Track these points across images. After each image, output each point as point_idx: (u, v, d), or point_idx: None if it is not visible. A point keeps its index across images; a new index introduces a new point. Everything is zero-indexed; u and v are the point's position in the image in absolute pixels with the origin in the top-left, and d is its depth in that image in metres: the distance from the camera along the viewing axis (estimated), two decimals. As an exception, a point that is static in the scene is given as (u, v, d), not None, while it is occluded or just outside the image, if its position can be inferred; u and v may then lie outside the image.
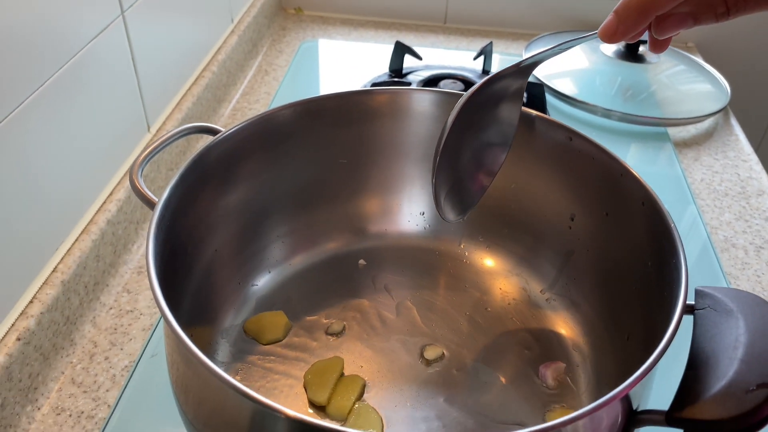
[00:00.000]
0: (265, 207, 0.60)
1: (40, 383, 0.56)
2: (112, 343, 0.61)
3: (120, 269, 0.69)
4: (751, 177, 0.86)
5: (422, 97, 0.61)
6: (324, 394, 0.52)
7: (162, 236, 0.45)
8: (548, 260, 0.62)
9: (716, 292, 0.43)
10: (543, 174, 0.60)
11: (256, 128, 0.55)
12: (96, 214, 0.66)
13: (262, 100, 0.98)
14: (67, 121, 0.60)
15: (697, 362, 0.39)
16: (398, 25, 1.21)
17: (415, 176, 0.65)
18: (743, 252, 0.74)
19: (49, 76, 0.57)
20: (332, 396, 0.52)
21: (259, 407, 0.33)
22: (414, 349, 0.57)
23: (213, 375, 0.34)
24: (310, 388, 0.52)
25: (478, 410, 0.52)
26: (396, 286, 0.62)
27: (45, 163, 0.58)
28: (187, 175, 0.49)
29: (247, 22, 1.05)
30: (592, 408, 0.34)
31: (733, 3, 0.34)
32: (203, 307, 0.54)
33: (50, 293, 0.57)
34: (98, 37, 0.64)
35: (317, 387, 0.52)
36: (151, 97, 0.76)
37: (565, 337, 0.58)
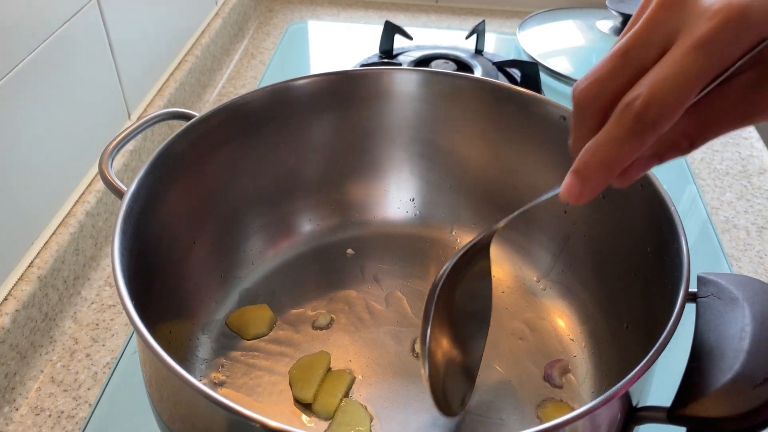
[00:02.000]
0: (246, 196, 0.59)
1: (17, 383, 0.55)
2: (93, 339, 0.60)
3: (102, 262, 0.67)
4: (752, 155, 0.85)
5: (408, 77, 0.59)
6: (310, 392, 0.50)
7: (131, 229, 0.43)
8: (543, 246, 0.60)
9: (720, 279, 0.41)
10: (536, 156, 0.58)
11: (230, 113, 0.53)
12: (74, 206, 0.64)
13: (248, 84, 0.96)
14: (41, 108, 0.58)
15: (701, 354, 0.37)
16: (388, 5, 1.19)
17: (404, 160, 0.63)
18: (745, 233, 0.73)
19: (18, 62, 0.55)
20: (318, 393, 0.50)
21: (234, 417, 0.32)
22: (405, 341, 0.56)
23: (185, 383, 0.32)
24: (296, 386, 0.51)
25: (472, 404, 0.50)
26: (385, 275, 0.61)
27: (18, 153, 0.56)
28: (157, 165, 0.47)
29: (232, 4, 1.03)
30: (590, 408, 0.33)
31: (696, 135, 0.32)
32: (183, 302, 0.53)
33: (26, 289, 0.56)
34: (71, 20, 0.62)
35: (303, 384, 0.50)
36: (130, 82, 0.74)
37: (562, 327, 0.57)
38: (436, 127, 0.61)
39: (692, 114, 0.31)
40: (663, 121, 0.29)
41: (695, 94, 0.29)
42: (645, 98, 0.28)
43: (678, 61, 0.28)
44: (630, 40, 0.30)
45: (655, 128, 0.29)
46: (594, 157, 0.31)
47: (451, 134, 0.61)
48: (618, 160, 0.30)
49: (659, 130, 0.29)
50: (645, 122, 0.29)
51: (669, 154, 0.33)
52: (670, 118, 0.29)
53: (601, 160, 0.31)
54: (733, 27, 0.27)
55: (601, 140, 0.30)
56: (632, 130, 0.29)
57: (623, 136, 0.29)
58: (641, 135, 0.29)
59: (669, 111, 0.28)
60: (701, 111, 0.31)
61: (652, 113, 0.29)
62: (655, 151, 0.33)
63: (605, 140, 0.30)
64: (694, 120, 0.31)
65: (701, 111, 0.31)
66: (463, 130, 0.61)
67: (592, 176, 0.31)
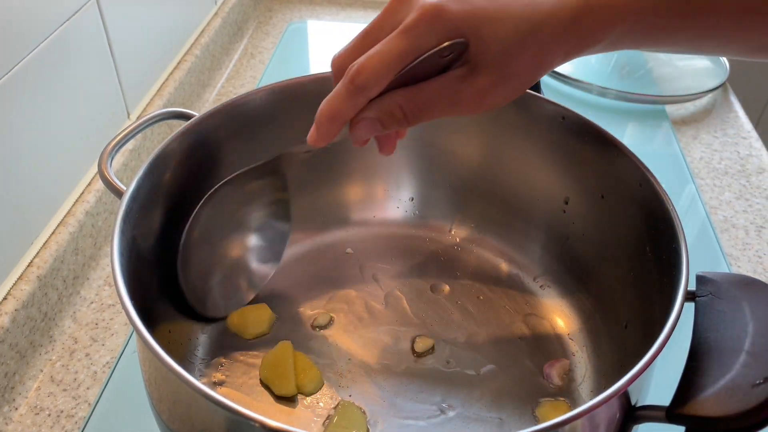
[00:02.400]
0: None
1: (17, 382, 0.55)
2: (93, 338, 0.59)
3: (101, 262, 0.67)
4: (751, 155, 0.85)
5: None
6: (290, 385, 0.50)
7: (130, 229, 0.43)
8: (542, 246, 0.60)
9: (719, 278, 0.41)
10: (535, 156, 0.58)
11: (230, 113, 0.53)
12: (74, 206, 0.64)
13: (247, 84, 0.96)
14: (40, 108, 0.58)
15: (700, 354, 0.37)
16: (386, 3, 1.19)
17: (403, 160, 0.63)
18: (744, 232, 0.73)
19: (18, 61, 0.55)
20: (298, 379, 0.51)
21: (234, 417, 0.31)
22: (404, 340, 0.55)
23: (184, 383, 0.32)
24: (274, 385, 0.51)
25: (470, 404, 0.50)
26: (384, 274, 0.61)
27: (17, 153, 0.56)
28: (156, 164, 0.47)
29: (231, 4, 1.02)
30: (589, 407, 0.33)
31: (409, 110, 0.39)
32: (182, 301, 0.52)
33: (25, 289, 0.56)
34: (71, 20, 0.62)
35: (280, 380, 0.51)
36: (130, 82, 0.74)
37: (561, 326, 0.56)
38: (435, 126, 0.60)
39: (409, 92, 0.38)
40: (369, 85, 0.37)
41: (398, 68, 0.36)
42: (358, 66, 0.37)
43: (388, 41, 0.36)
44: (372, 24, 0.39)
45: (363, 90, 0.37)
46: (323, 108, 0.39)
47: (450, 134, 0.61)
48: (339, 113, 0.38)
49: (367, 92, 0.37)
50: (356, 84, 0.37)
51: (388, 121, 0.39)
52: (375, 84, 0.37)
53: (326, 112, 0.38)
54: (428, 20, 0.36)
55: (329, 96, 0.38)
56: (347, 91, 0.37)
57: (342, 94, 0.38)
58: (353, 94, 0.37)
59: (374, 78, 0.36)
60: (417, 91, 0.38)
61: (361, 78, 0.36)
62: (377, 116, 0.39)
63: (332, 96, 0.38)
64: (410, 97, 0.38)
65: (417, 91, 0.38)
66: (462, 130, 0.61)
67: (322, 124, 0.39)
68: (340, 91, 0.38)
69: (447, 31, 0.36)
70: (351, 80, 0.37)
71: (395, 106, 0.38)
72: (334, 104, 0.38)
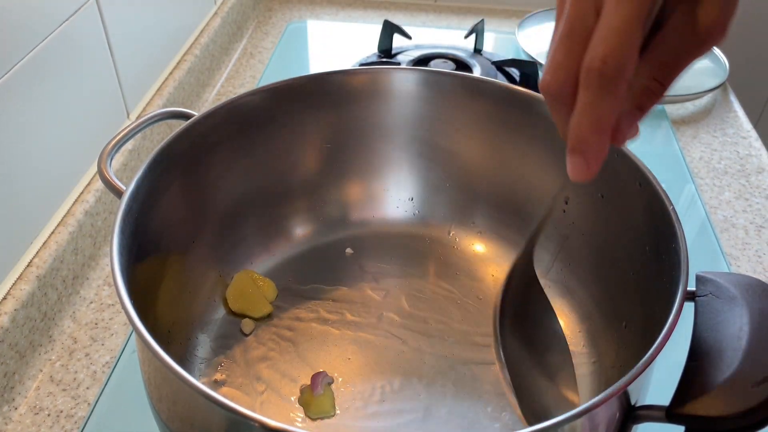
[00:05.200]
0: (244, 195, 0.58)
1: (16, 382, 0.55)
2: (92, 338, 0.59)
3: (101, 261, 0.67)
4: (750, 154, 0.84)
5: (407, 76, 0.59)
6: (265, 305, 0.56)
7: (130, 229, 0.43)
8: (542, 245, 0.59)
9: (718, 278, 0.41)
10: (535, 155, 0.58)
11: (229, 113, 0.53)
12: (73, 205, 0.64)
13: (247, 84, 0.96)
14: (39, 108, 0.58)
15: (699, 353, 0.37)
16: (387, 4, 1.19)
17: (403, 160, 0.63)
18: (743, 232, 0.73)
19: (17, 61, 0.55)
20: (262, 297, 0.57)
21: (233, 416, 0.31)
22: (403, 340, 0.55)
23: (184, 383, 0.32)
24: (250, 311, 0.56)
25: (469, 404, 0.50)
26: (384, 274, 0.61)
27: (17, 152, 0.56)
28: (156, 164, 0.47)
29: (231, 3, 1.02)
30: (589, 406, 0.33)
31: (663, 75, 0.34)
32: (181, 301, 0.53)
33: (25, 289, 0.56)
34: (70, 20, 0.62)
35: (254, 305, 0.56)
36: (129, 82, 0.74)
37: (560, 325, 0.56)
38: (435, 126, 0.61)
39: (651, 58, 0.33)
40: (624, 68, 0.31)
41: (640, 35, 0.31)
42: (600, 56, 0.30)
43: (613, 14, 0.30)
44: (568, 21, 0.32)
45: (620, 78, 0.31)
46: (581, 128, 0.32)
47: (450, 134, 0.61)
48: (603, 120, 0.32)
49: (625, 78, 0.31)
50: (609, 76, 0.30)
51: (647, 101, 0.35)
52: (629, 64, 0.31)
53: (588, 127, 0.32)
54: None
55: (580, 110, 0.32)
56: (601, 88, 0.31)
57: (597, 97, 0.31)
58: (611, 88, 0.31)
59: (625, 57, 0.30)
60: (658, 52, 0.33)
61: (612, 65, 0.30)
62: (634, 104, 0.34)
63: (583, 109, 0.32)
64: (656, 62, 0.33)
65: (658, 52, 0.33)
66: (462, 130, 0.61)
67: (589, 146, 0.32)
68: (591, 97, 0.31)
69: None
70: (600, 76, 0.31)
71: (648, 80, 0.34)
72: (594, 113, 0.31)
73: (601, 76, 0.30)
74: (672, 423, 0.35)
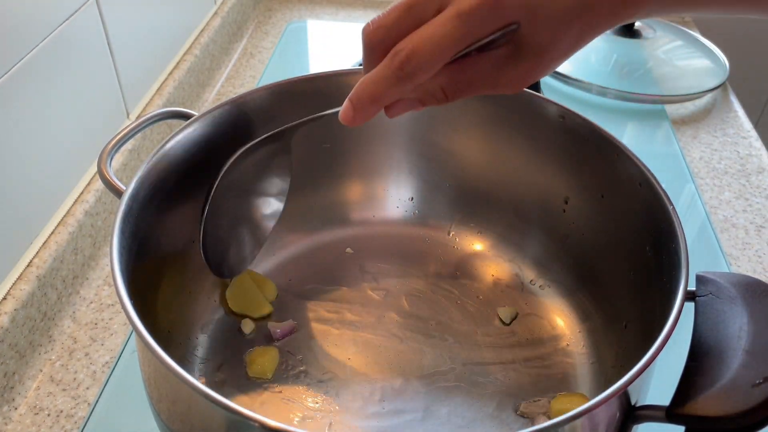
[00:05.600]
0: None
1: (16, 382, 0.55)
2: (92, 338, 0.59)
3: (101, 261, 0.67)
4: (750, 154, 0.84)
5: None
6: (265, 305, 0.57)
7: (130, 229, 0.43)
8: (542, 245, 0.60)
9: (718, 278, 0.41)
10: (535, 155, 0.58)
11: (229, 112, 0.53)
12: (73, 205, 0.64)
13: (247, 84, 0.96)
14: (39, 108, 0.58)
15: (700, 353, 0.37)
16: (387, 4, 1.18)
17: (403, 160, 0.63)
18: (743, 232, 0.73)
19: (17, 61, 0.55)
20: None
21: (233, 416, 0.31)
22: (403, 339, 0.55)
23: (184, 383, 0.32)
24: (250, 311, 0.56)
25: (469, 404, 0.50)
26: (384, 274, 0.61)
27: (16, 152, 0.56)
28: (156, 164, 0.47)
29: (231, 3, 1.02)
30: (589, 406, 0.33)
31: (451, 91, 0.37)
32: (181, 301, 0.53)
33: (25, 289, 0.56)
34: (70, 19, 0.62)
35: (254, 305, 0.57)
36: (129, 82, 0.74)
37: (560, 325, 0.56)
38: (435, 126, 0.61)
39: (451, 73, 0.36)
40: (420, 72, 0.34)
41: (450, 55, 0.34)
42: (408, 51, 0.34)
43: (441, 25, 0.34)
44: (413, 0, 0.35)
45: (413, 77, 0.34)
46: (365, 91, 0.36)
47: (450, 133, 0.61)
48: (383, 97, 0.36)
49: (417, 80, 0.35)
50: (406, 71, 0.34)
51: (428, 101, 0.38)
52: (425, 72, 0.34)
53: (369, 94, 0.36)
54: (489, 6, 0.33)
55: (371, 78, 0.36)
56: (395, 76, 0.35)
57: (388, 79, 0.35)
58: (402, 80, 0.35)
59: (425, 66, 0.34)
60: (459, 72, 0.36)
61: (413, 65, 0.34)
62: (418, 97, 0.38)
63: (375, 78, 0.35)
64: (452, 78, 0.37)
65: (459, 72, 0.36)
66: (462, 130, 0.60)
67: (362, 106, 0.37)
68: (386, 74, 0.35)
69: (504, 17, 0.34)
70: (400, 66, 0.34)
71: (437, 88, 0.37)
72: (379, 88, 0.35)
73: (400, 66, 0.34)
74: (672, 423, 0.35)
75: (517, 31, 0.35)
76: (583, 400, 0.50)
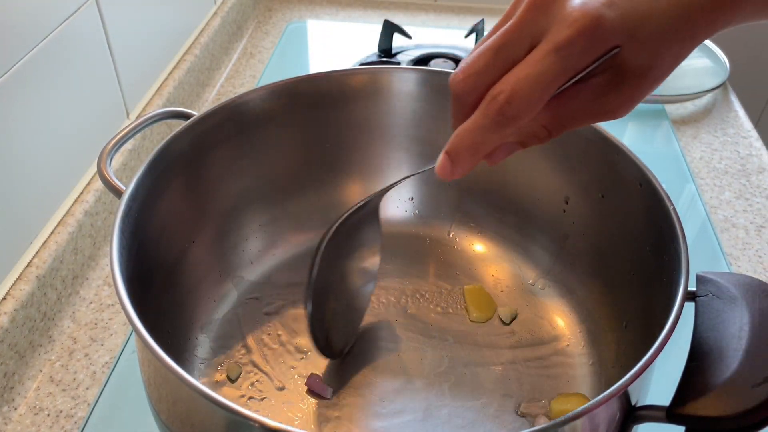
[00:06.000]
0: (244, 195, 0.58)
1: (16, 382, 0.55)
2: (92, 338, 0.59)
3: (100, 262, 0.67)
4: (751, 154, 0.84)
5: (407, 76, 0.59)
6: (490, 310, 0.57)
7: (130, 228, 0.43)
8: (542, 245, 0.60)
9: (719, 278, 0.41)
10: (535, 155, 0.57)
11: (229, 112, 0.53)
12: (73, 205, 0.64)
13: (247, 83, 0.96)
14: (39, 108, 0.58)
15: (700, 354, 0.37)
16: (387, 4, 1.19)
17: (403, 160, 0.63)
18: (744, 232, 0.73)
19: (17, 61, 0.55)
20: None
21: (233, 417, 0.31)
22: (403, 339, 0.55)
23: (184, 383, 0.32)
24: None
25: (469, 404, 0.50)
26: (384, 274, 0.60)
27: (16, 152, 0.56)
28: (155, 164, 0.47)
29: (230, 3, 1.02)
30: (589, 406, 0.33)
31: (553, 127, 0.35)
32: (181, 301, 0.53)
33: (24, 289, 0.56)
34: (70, 19, 0.62)
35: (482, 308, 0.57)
36: (129, 81, 0.74)
37: (561, 326, 0.56)
38: (435, 126, 0.61)
39: (552, 109, 0.34)
40: (522, 115, 0.32)
41: (551, 93, 0.32)
42: (507, 95, 0.32)
43: (538, 62, 0.31)
44: (502, 37, 0.33)
45: (514, 121, 0.32)
46: (463, 142, 0.34)
47: (449, 134, 0.60)
48: (483, 146, 0.34)
49: (518, 123, 0.33)
50: (506, 116, 0.32)
51: (530, 142, 0.37)
52: (528, 113, 0.32)
53: (468, 145, 0.34)
54: (588, 35, 0.31)
55: (468, 127, 0.34)
56: (495, 122, 0.33)
57: (487, 126, 0.33)
58: (502, 126, 0.33)
59: (527, 107, 0.32)
60: (559, 106, 0.34)
61: (513, 108, 0.32)
62: (518, 139, 0.37)
63: (472, 128, 0.34)
64: (553, 114, 0.35)
65: (559, 106, 0.34)
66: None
67: (460, 159, 0.35)
68: (484, 122, 0.33)
69: (604, 44, 0.32)
70: (499, 111, 0.32)
71: (539, 127, 0.35)
72: (478, 137, 0.33)
73: (499, 112, 0.32)
74: (672, 423, 0.35)
75: (618, 55, 0.32)
76: (583, 400, 0.50)
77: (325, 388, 0.51)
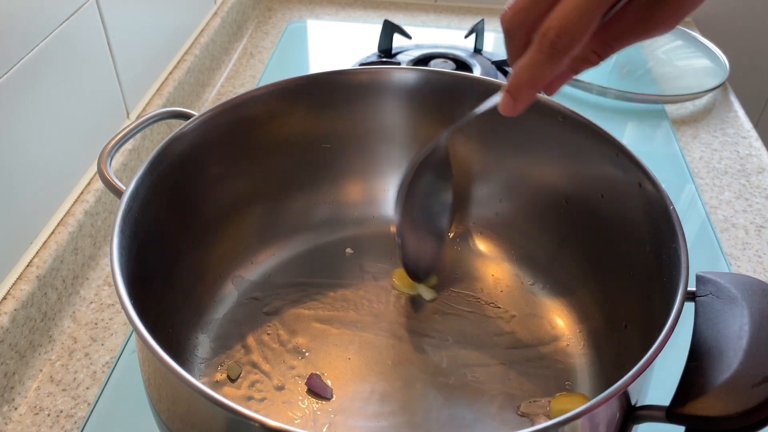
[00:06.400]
0: (244, 195, 0.58)
1: (16, 382, 0.55)
2: (92, 338, 0.59)
3: (101, 261, 0.67)
4: (750, 154, 0.84)
5: (407, 76, 0.59)
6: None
7: (130, 228, 0.43)
8: (542, 245, 0.60)
9: (719, 278, 0.41)
10: (535, 155, 0.58)
11: (229, 113, 0.53)
12: (73, 205, 0.64)
13: (247, 84, 0.96)
14: (39, 108, 0.58)
15: (700, 353, 0.37)
16: (387, 4, 1.19)
17: (403, 159, 0.63)
18: (743, 232, 0.73)
19: (17, 61, 0.55)
20: None
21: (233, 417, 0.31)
22: (404, 339, 0.55)
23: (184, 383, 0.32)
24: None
25: (469, 404, 0.50)
26: (384, 274, 0.61)
27: (16, 152, 0.56)
28: (155, 164, 0.47)
29: (230, 3, 1.02)
30: (589, 407, 0.33)
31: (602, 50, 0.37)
32: (181, 301, 0.52)
33: (25, 289, 0.56)
34: (70, 19, 0.62)
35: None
36: (129, 81, 0.74)
37: (560, 326, 0.56)
38: (435, 126, 0.61)
39: (599, 34, 0.36)
40: (573, 45, 0.34)
41: (599, 18, 0.34)
42: (557, 28, 0.34)
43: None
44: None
45: (567, 52, 0.34)
46: (521, 78, 0.37)
47: (449, 133, 0.61)
48: (540, 79, 0.36)
49: (571, 53, 0.35)
50: (559, 48, 0.34)
51: (582, 67, 0.39)
52: (578, 44, 0.34)
53: (527, 81, 0.37)
54: None
55: (525, 64, 0.36)
56: (549, 55, 0.35)
57: (543, 60, 0.35)
58: (557, 58, 0.35)
59: (577, 38, 0.34)
60: (606, 30, 0.36)
61: (565, 40, 0.34)
62: (571, 67, 0.38)
63: (529, 64, 0.36)
64: (602, 39, 0.37)
65: (606, 30, 0.36)
66: (461, 130, 0.60)
67: (521, 94, 0.38)
68: (540, 57, 0.35)
69: None
70: (552, 44, 0.34)
71: (589, 53, 0.37)
72: (536, 71, 0.36)
73: (552, 46, 0.34)
74: (672, 423, 0.35)
75: None
76: (583, 400, 0.50)
77: (325, 388, 0.51)
